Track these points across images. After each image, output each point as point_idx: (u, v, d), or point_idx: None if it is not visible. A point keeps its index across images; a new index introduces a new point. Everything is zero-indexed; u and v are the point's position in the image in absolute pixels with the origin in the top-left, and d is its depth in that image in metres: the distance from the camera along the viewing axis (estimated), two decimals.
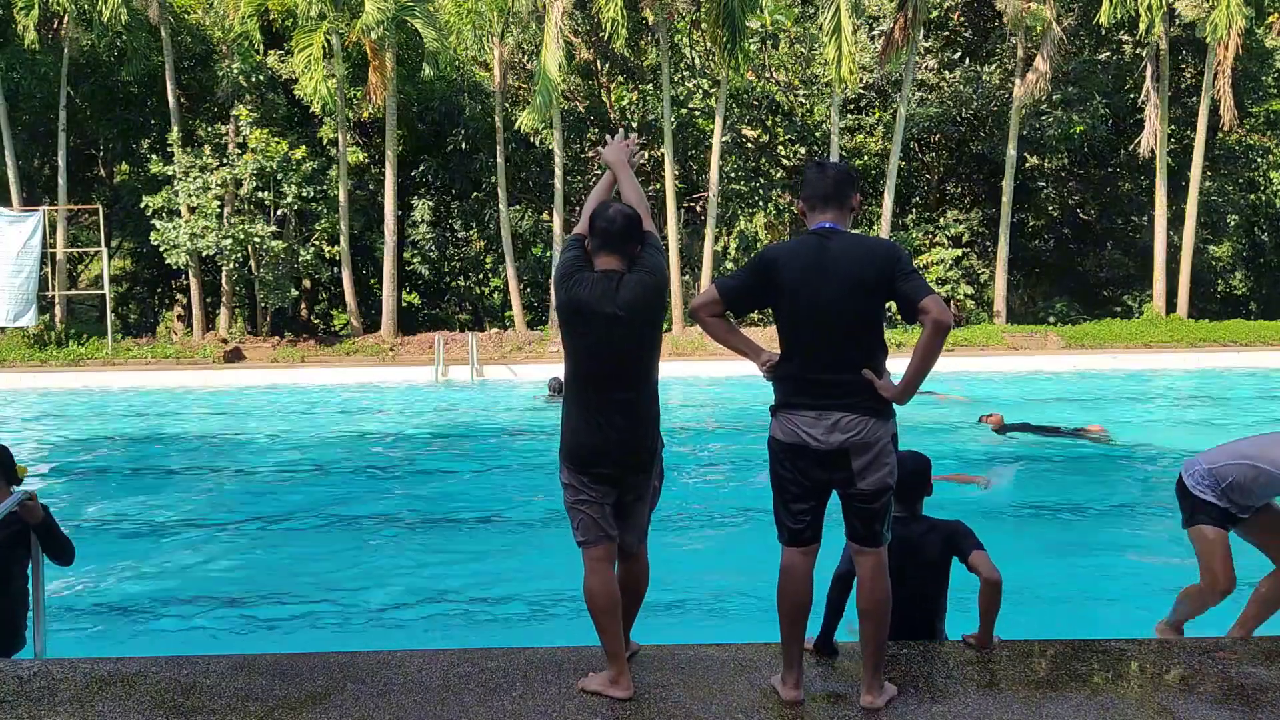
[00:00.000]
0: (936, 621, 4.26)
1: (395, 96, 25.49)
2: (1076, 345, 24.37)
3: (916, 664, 3.92)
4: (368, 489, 10.62)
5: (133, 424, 15.56)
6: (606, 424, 3.68)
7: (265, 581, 7.13)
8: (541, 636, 5.86)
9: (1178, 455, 12.09)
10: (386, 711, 3.53)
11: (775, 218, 31.26)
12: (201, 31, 26.89)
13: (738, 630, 5.83)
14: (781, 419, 3.59)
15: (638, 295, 3.67)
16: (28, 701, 3.67)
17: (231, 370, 22.43)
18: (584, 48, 28.46)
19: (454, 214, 30.29)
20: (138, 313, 33.02)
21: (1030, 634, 4.30)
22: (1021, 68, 26.35)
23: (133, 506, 9.64)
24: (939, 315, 3.31)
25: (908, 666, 3.88)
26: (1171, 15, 25.13)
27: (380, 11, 23.35)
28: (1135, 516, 9.00)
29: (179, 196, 25.03)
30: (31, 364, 22.79)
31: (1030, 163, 30.42)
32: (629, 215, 3.76)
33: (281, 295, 25.90)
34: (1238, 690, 3.71)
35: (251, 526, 8.87)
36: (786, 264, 3.56)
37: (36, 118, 27.07)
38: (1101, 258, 31.85)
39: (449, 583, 7.04)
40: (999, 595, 4.03)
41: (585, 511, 3.73)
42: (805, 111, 30.59)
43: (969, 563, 4.08)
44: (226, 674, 3.87)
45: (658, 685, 3.73)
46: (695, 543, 8.03)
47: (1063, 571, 6.99)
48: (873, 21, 29.05)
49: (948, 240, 28.74)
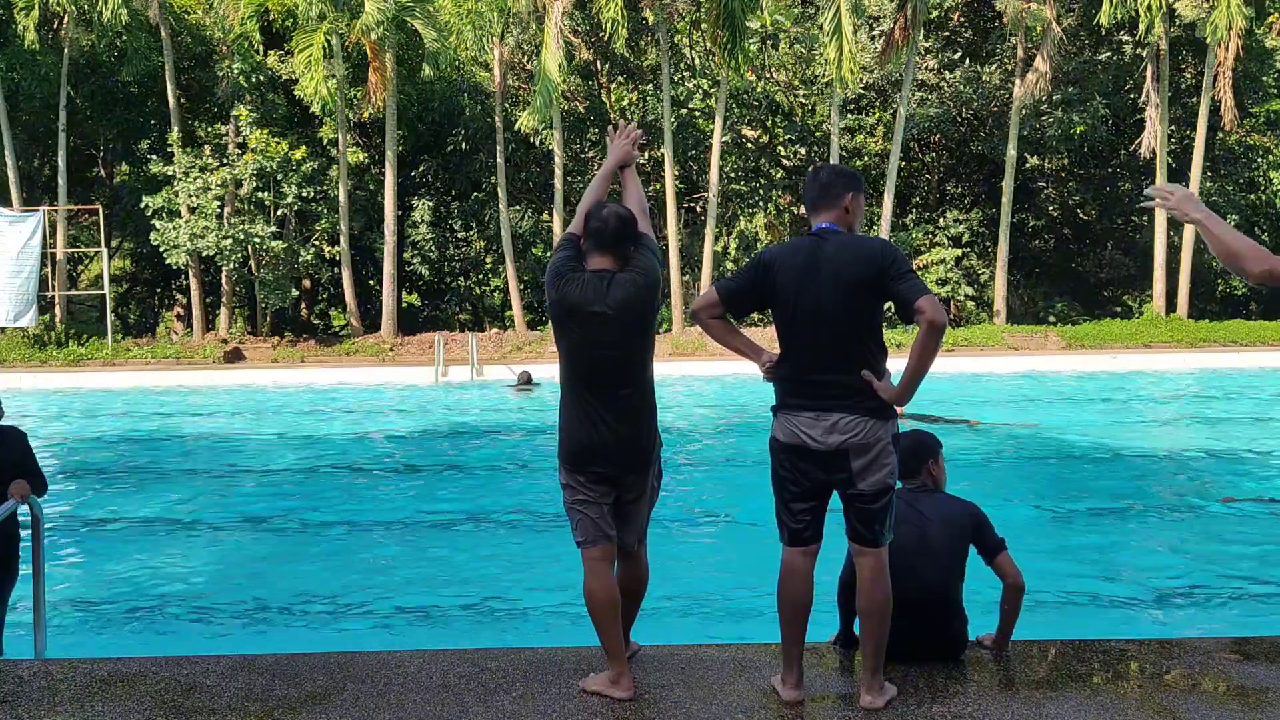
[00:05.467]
0: (951, 590, 4.02)
1: (395, 97, 25.49)
2: (1076, 345, 24.36)
3: (917, 664, 3.92)
4: (367, 489, 10.62)
5: (132, 424, 15.56)
6: (600, 423, 3.69)
7: (265, 581, 7.13)
8: (541, 636, 5.86)
9: (1177, 455, 12.11)
10: (386, 711, 3.53)
11: (775, 218, 31.26)
12: (201, 31, 26.89)
13: (738, 630, 5.84)
14: (782, 419, 3.60)
15: (628, 295, 3.67)
16: (28, 701, 3.67)
17: (231, 370, 22.43)
18: (584, 48, 28.46)
19: (454, 214, 30.30)
20: (138, 313, 33.02)
21: (1031, 634, 4.29)
22: (1021, 68, 26.36)
23: (133, 507, 9.64)
24: (933, 316, 3.31)
25: (908, 666, 3.88)
26: (1171, 15, 25.13)
27: (380, 12, 23.36)
28: (1135, 516, 9.00)
29: (179, 197, 25.04)
30: (31, 364, 22.79)
31: (1030, 163, 30.42)
32: (622, 216, 3.76)
33: (281, 295, 25.90)
34: (1238, 690, 3.71)
35: (251, 526, 8.87)
36: (782, 266, 3.57)
37: (36, 118, 27.09)
38: (1101, 258, 31.85)
39: (449, 583, 7.04)
40: (1021, 600, 4.02)
41: (584, 512, 3.73)
42: (805, 111, 30.59)
43: (995, 563, 4.02)
44: (226, 674, 3.87)
45: (658, 685, 3.73)
46: (695, 543, 8.03)
47: (1063, 572, 6.99)
48: (873, 21, 29.04)
49: (948, 240, 28.74)
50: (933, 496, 4.10)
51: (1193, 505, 9.41)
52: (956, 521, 4.03)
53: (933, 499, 4.09)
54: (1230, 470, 10.81)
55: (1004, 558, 4.02)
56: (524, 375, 19.85)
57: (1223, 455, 11.72)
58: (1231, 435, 13.04)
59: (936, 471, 4.18)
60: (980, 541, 4.04)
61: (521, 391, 19.06)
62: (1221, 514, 8.85)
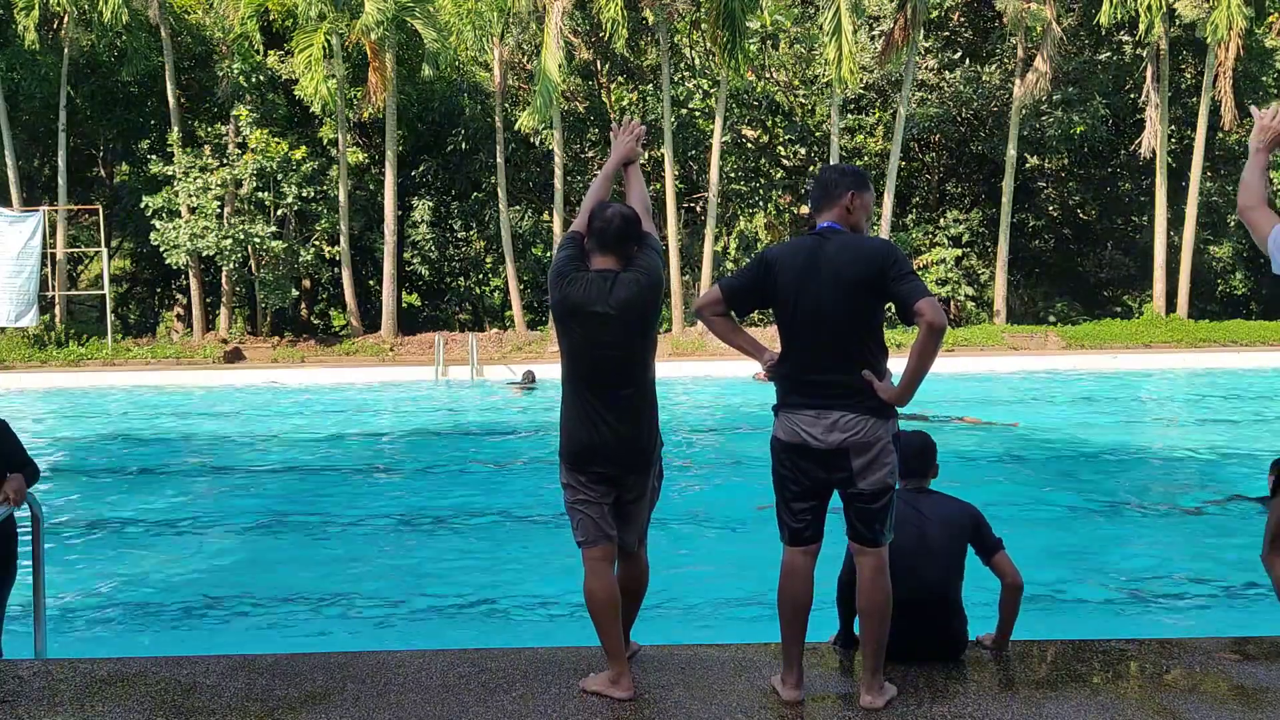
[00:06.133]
0: (950, 590, 4.02)
1: (395, 97, 25.49)
2: (1076, 345, 24.36)
3: (917, 664, 3.92)
4: (368, 489, 10.62)
5: (132, 424, 15.56)
6: (601, 422, 3.68)
7: (265, 581, 7.13)
8: (541, 636, 5.85)
9: (1177, 455, 12.11)
10: (386, 711, 3.53)
11: (775, 218, 31.26)
12: (201, 32, 26.88)
13: (738, 630, 5.84)
14: (783, 418, 3.60)
15: (630, 294, 3.67)
16: (28, 701, 3.67)
17: (231, 370, 22.43)
18: (584, 48, 28.45)
19: (454, 214, 30.30)
20: (138, 313, 33.01)
21: (1031, 634, 4.29)
22: (1021, 68, 26.35)
23: (132, 507, 9.65)
24: (932, 317, 3.31)
25: (908, 666, 3.88)
26: (1171, 15, 25.13)
27: (380, 12, 23.36)
28: (1135, 516, 9.00)
29: (179, 197, 25.03)
30: (31, 364, 22.78)
31: (1030, 163, 30.41)
32: (626, 216, 3.76)
33: (282, 295, 25.90)
34: (1238, 690, 3.71)
35: (251, 526, 8.87)
36: (783, 265, 3.57)
37: (36, 118, 27.07)
38: (1101, 258, 31.84)
39: (449, 583, 7.04)
40: (1019, 599, 4.02)
41: (584, 512, 3.73)
42: (805, 111, 30.59)
43: (993, 562, 4.03)
44: (226, 674, 3.87)
45: (658, 685, 3.73)
46: (695, 543, 8.03)
47: (1062, 572, 6.99)
48: (873, 21, 29.04)
49: (948, 240, 28.73)
50: (932, 497, 4.11)
51: (1193, 505, 9.41)
52: (956, 522, 4.03)
53: (932, 499, 4.10)
54: (1230, 470, 10.81)
55: (1002, 557, 4.03)
56: (528, 374, 19.89)
57: (1223, 455, 11.73)
58: (1232, 435, 13.05)
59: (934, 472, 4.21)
60: (978, 541, 4.05)
61: (524, 389, 19.09)
62: (1221, 514, 8.86)
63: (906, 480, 4.01)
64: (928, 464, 4.15)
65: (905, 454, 3.73)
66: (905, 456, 3.73)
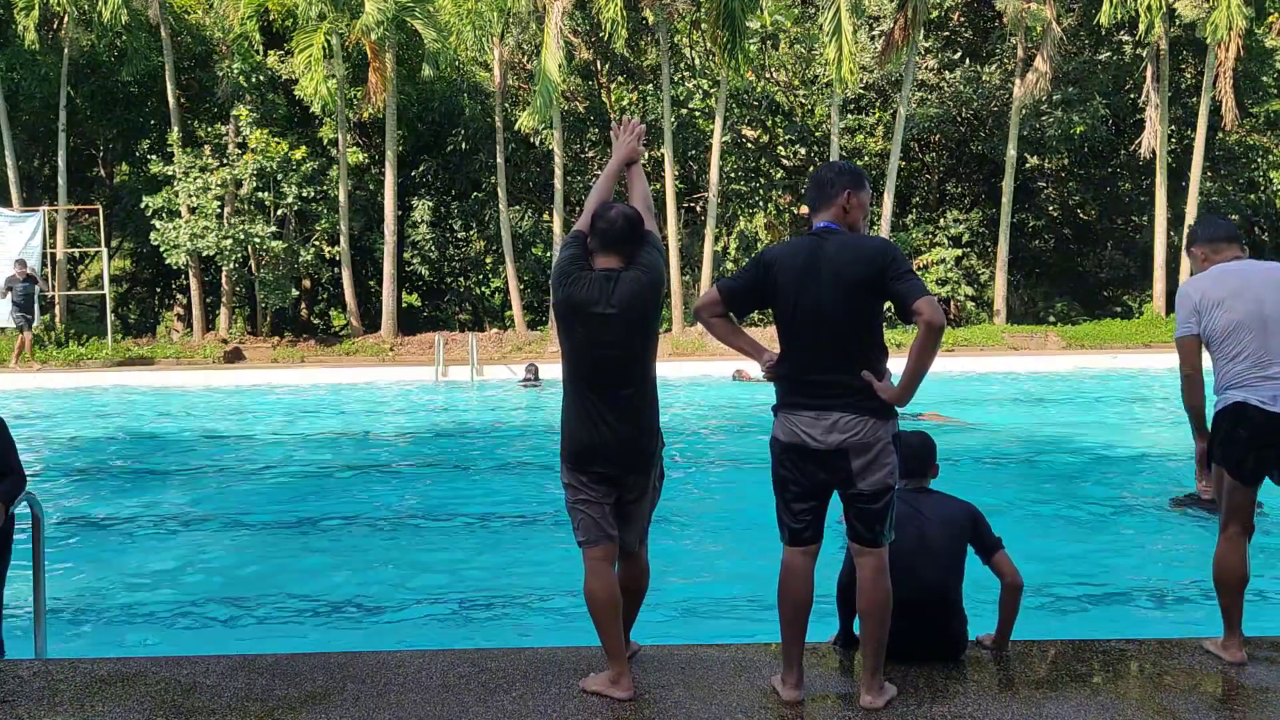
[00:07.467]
0: (950, 590, 4.02)
1: (395, 97, 25.48)
2: (1076, 345, 24.35)
3: (917, 664, 3.92)
4: (368, 489, 10.61)
5: (132, 424, 15.56)
6: (602, 422, 3.69)
7: (265, 581, 7.13)
8: (541, 636, 5.85)
9: (1177, 455, 12.09)
10: (386, 711, 3.53)
11: (775, 218, 31.27)
12: (201, 32, 26.88)
13: (738, 630, 5.83)
14: (782, 419, 3.60)
15: (632, 293, 3.68)
16: (28, 701, 3.67)
17: (231, 370, 22.42)
18: (584, 48, 28.46)
19: (454, 214, 30.30)
20: (138, 313, 33.01)
21: (1031, 634, 4.29)
22: (1021, 68, 26.35)
23: (132, 506, 9.64)
24: (931, 317, 3.32)
25: (908, 666, 3.88)
26: (1171, 15, 25.13)
27: (380, 12, 23.35)
28: (1135, 516, 9.00)
29: (179, 197, 25.02)
30: (31, 364, 22.73)
31: (1030, 163, 30.42)
32: (629, 217, 3.77)
33: (282, 295, 25.90)
34: (1238, 690, 3.71)
35: (251, 526, 8.86)
36: (782, 265, 3.57)
37: (36, 118, 27.06)
38: (1101, 258, 31.84)
39: (449, 583, 7.04)
40: (1019, 598, 4.02)
41: (585, 511, 3.74)
42: (805, 112, 30.60)
43: (992, 562, 4.04)
44: (226, 674, 3.87)
45: (658, 685, 3.73)
46: (695, 543, 8.02)
47: (1062, 572, 6.99)
48: (873, 21, 29.04)
49: (948, 240, 28.73)
50: (932, 496, 4.11)
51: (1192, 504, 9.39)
52: (955, 521, 4.04)
53: (932, 499, 4.10)
54: None
55: (1001, 556, 4.03)
56: (531, 368, 19.86)
57: None
58: None
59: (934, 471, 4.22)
60: (978, 541, 4.05)
61: (527, 385, 19.12)
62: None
63: (906, 480, 4.02)
64: (927, 464, 4.15)
65: (905, 454, 3.74)
66: (905, 456, 3.74)
